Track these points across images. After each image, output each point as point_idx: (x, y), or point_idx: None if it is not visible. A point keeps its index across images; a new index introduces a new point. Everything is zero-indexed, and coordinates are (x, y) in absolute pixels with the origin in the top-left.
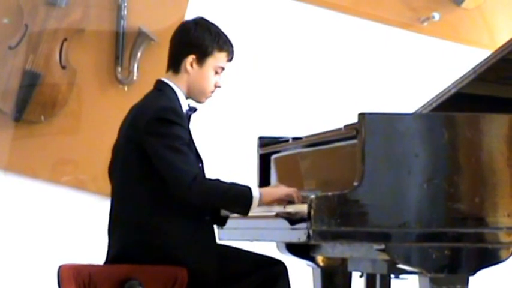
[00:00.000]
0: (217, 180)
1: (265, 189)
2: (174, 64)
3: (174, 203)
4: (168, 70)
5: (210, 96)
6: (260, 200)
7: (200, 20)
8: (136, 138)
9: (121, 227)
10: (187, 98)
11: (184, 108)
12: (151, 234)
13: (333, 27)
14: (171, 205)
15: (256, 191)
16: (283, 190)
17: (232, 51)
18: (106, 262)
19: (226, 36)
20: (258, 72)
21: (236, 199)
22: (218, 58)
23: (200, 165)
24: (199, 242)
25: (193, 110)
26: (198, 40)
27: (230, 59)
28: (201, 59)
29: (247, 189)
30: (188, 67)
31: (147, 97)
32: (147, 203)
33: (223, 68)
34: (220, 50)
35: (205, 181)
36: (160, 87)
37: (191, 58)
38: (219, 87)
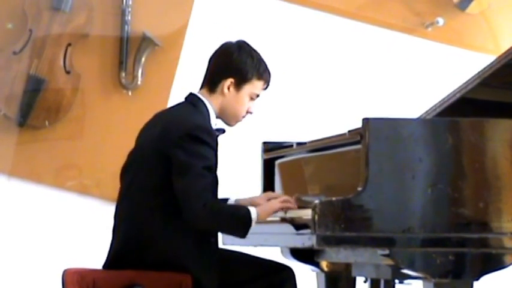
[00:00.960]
0: (222, 204)
1: (261, 208)
2: (211, 83)
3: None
4: (202, 87)
5: (241, 120)
6: (257, 219)
7: (243, 44)
8: (165, 150)
9: (128, 230)
10: (217, 118)
11: (214, 127)
12: (158, 240)
13: (338, 32)
14: (180, 217)
15: (254, 213)
16: (275, 204)
17: (269, 80)
18: (106, 261)
19: (266, 64)
20: None
21: (237, 226)
22: (256, 85)
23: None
24: (204, 251)
25: (221, 131)
26: (240, 65)
27: (266, 88)
28: (240, 84)
29: (248, 214)
30: (225, 90)
31: (180, 109)
32: (158, 212)
33: (258, 95)
34: (260, 78)
35: (212, 208)
36: (194, 101)
37: (229, 81)
38: (251, 113)
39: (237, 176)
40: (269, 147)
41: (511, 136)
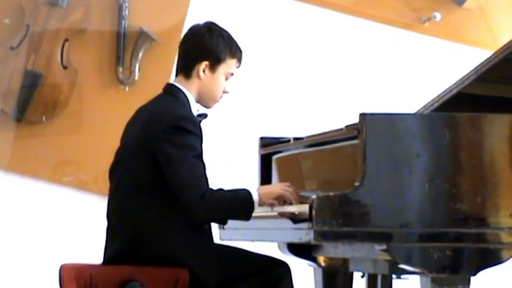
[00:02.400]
0: (221, 191)
1: (263, 190)
2: (186, 69)
3: (177, 210)
4: (178, 74)
5: (218, 101)
6: (259, 202)
7: (212, 26)
8: (150, 144)
9: (122, 228)
10: (196, 102)
11: (195, 112)
12: (154, 238)
13: (335, 27)
14: (174, 212)
15: (255, 195)
16: (277, 188)
17: (241, 58)
18: (104, 261)
19: (236, 43)
20: (259, 72)
21: (239, 210)
22: (230, 65)
23: None
24: (200, 247)
25: (203, 116)
26: (212, 47)
27: (239, 66)
28: (214, 65)
29: (249, 196)
30: (201, 73)
31: (160, 101)
32: (152, 207)
33: (232, 74)
34: (233, 56)
35: (212, 196)
36: (173, 91)
37: (204, 64)
38: (227, 92)
39: (234, 171)
40: (266, 142)
41: (509, 131)
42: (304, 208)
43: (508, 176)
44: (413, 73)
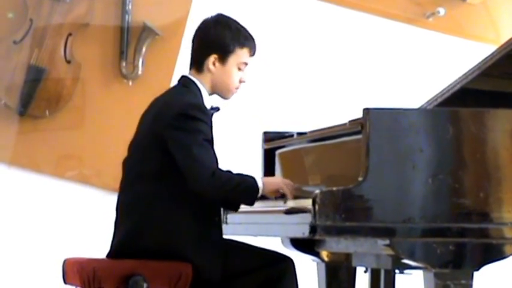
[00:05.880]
0: (229, 172)
1: (265, 179)
2: (197, 63)
3: (187, 201)
4: (191, 68)
5: (236, 92)
6: (263, 190)
7: (220, 17)
8: (160, 132)
9: (131, 219)
10: (210, 95)
11: (208, 106)
12: (160, 229)
13: (338, 22)
14: (184, 203)
15: (260, 182)
16: (280, 179)
17: (255, 46)
18: (110, 252)
19: (246, 31)
20: (263, 67)
21: (246, 192)
22: (240, 55)
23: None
24: (207, 240)
25: (216, 109)
26: (219, 39)
27: (253, 54)
28: (223, 57)
29: (255, 182)
30: (211, 66)
31: (172, 92)
32: (161, 198)
33: (246, 64)
34: (242, 46)
35: (221, 176)
36: (185, 83)
37: (213, 58)
38: (244, 82)
39: (238, 166)
40: (270, 137)
41: None
42: (301, 204)
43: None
44: (417, 68)
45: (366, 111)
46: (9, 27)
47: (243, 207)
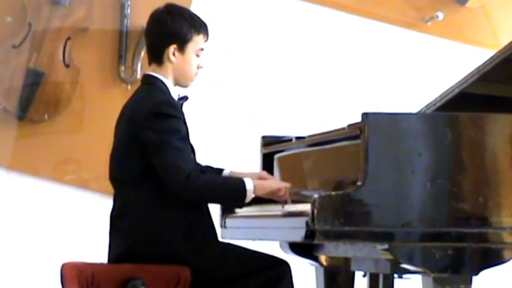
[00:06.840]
0: (211, 175)
1: (259, 182)
2: (156, 57)
3: (172, 201)
4: (150, 63)
5: (194, 78)
6: (254, 192)
7: (171, 8)
8: (135, 134)
9: (124, 226)
10: (175, 86)
11: (175, 97)
12: (153, 230)
13: (336, 26)
14: (169, 204)
15: (250, 184)
16: (275, 184)
17: (208, 31)
18: (109, 261)
19: (199, 18)
20: (260, 71)
21: (229, 193)
22: (197, 41)
23: (192, 156)
24: (200, 238)
25: (184, 98)
26: (176, 30)
27: (207, 39)
28: (182, 46)
29: (240, 182)
30: (171, 57)
31: (139, 93)
32: (148, 198)
33: (202, 49)
34: (198, 33)
35: (198, 178)
36: (149, 81)
37: (172, 48)
38: (202, 67)
39: (237, 170)
40: (268, 141)
41: (511, 131)
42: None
43: (510, 176)
44: (416, 72)
45: (365, 115)
46: (8, 31)
47: (241, 212)
